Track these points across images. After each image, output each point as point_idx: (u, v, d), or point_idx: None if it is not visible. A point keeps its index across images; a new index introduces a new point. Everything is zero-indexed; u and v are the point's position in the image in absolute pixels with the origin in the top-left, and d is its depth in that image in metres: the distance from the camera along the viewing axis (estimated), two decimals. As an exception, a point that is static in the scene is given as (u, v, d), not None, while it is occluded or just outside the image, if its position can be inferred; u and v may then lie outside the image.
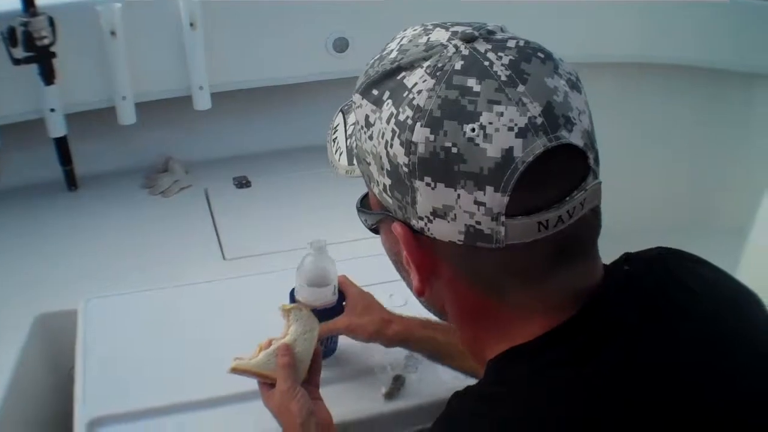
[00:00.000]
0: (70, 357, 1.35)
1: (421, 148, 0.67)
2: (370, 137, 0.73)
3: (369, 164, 0.75)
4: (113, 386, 1.27)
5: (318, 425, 1.06)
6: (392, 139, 0.69)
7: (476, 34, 0.71)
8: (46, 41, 1.70)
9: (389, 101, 0.70)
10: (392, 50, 0.74)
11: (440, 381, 1.28)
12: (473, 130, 0.65)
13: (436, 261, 0.74)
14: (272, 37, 1.95)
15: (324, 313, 1.21)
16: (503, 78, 0.66)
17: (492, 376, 0.76)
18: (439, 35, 0.72)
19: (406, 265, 0.77)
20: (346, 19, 1.99)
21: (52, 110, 1.80)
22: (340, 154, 0.84)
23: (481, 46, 0.69)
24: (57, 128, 1.83)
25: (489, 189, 0.65)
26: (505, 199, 0.65)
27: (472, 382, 0.79)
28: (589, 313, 0.72)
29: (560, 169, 0.67)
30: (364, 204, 0.82)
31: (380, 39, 0.79)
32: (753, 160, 2.25)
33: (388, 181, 0.72)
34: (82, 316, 1.42)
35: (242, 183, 1.99)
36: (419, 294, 0.79)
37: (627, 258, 0.79)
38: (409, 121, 0.68)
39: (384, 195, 0.74)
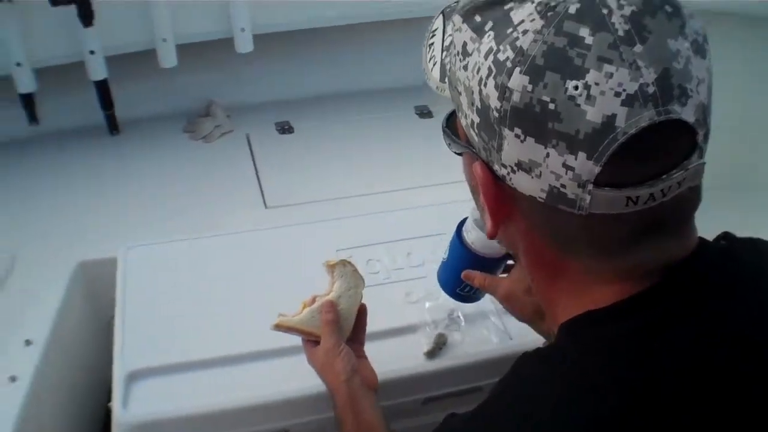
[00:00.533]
0: (111, 305, 1.34)
1: (516, 97, 0.62)
2: (465, 67, 0.68)
3: (460, 93, 0.70)
4: (152, 338, 1.26)
5: (362, 383, 1.04)
6: (487, 77, 0.64)
7: None
8: (84, -18, 1.66)
9: (491, 33, 0.65)
10: None
11: (483, 341, 1.25)
12: (576, 87, 0.59)
13: (513, 210, 0.71)
14: (318, -26, 1.88)
15: (485, 263, 1.09)
16: (620, 33, 0.60)
17: (565, 340, 0.72)
18: None
19: (482, 204, 0.73)
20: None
21: (92, 52, 1.76)
22: (434, 65, 0.79)
23: None
24: (97, 71, 1.80)
25: (581, 155, 0.61)
26: (597, 169, 0.60)
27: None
28: (675, 283, 0.68)
29: (663, 145, 0.61)
30: (450, 126, 0.77)
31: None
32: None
33: (476, 119, 0.67)
34: (122, 264, 1.40)
35: (285, 128, 1.95)
36: (490, 237, 0.76)
37: (725, 236, 0.74)
38: (509, 64, 0.62)
39: (470, 130, 0.69)
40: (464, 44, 0.68)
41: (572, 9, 0.61)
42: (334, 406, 1.05)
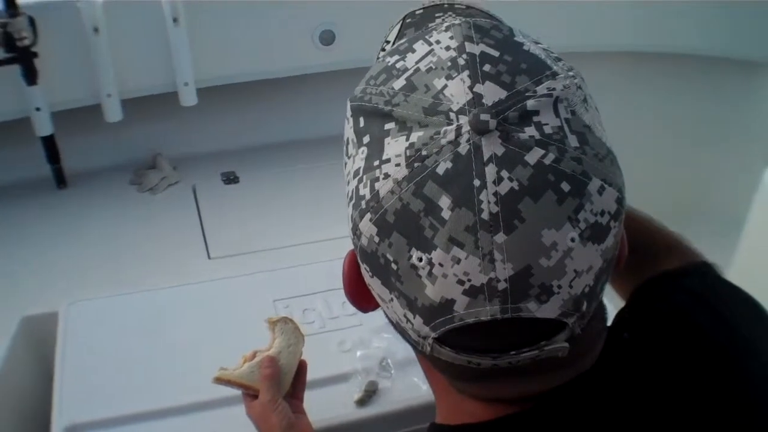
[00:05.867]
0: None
1: (364, 241, 0.58)
2: (345, 165, 0.62)
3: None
4: (93, 392, 1.29)
5: None
6: (349, 200, 0.60)
7: (492, 125, 0.52)
8: (26, 42, 1.69)
9: (365, 151, 0.58)
10: (406, 70, 0.58)
11: (414, 388, 1.28)
12: (420, 259, 0.54)
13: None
14: (257, 30, 1.93)
15: None
16: (485, 215, 0.51)
17: None
18: (457, 90, 0.55)
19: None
20: (333, 11, 1.96)
21: (38, 109, 1.80)
22: None
23: (489, 148, 0.52)
24: (43, 127, 1.83)
25: (419, 318, 0.57)
26: (433, 334, 0.57)
27: None
28: (554, 407, 0.64)
29: (509, 334, 0.56)
30: None
31: (368, 31, 0.69)
32: (750, 148, 2.22)
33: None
34: (63, 320, 1.43)
35: (230, 179, 1.98)
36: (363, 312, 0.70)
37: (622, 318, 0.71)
38: (363, 204, 0.57)
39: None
40: (347, 140, 0.62)
41: (441, 169, 0.53)
42: None
